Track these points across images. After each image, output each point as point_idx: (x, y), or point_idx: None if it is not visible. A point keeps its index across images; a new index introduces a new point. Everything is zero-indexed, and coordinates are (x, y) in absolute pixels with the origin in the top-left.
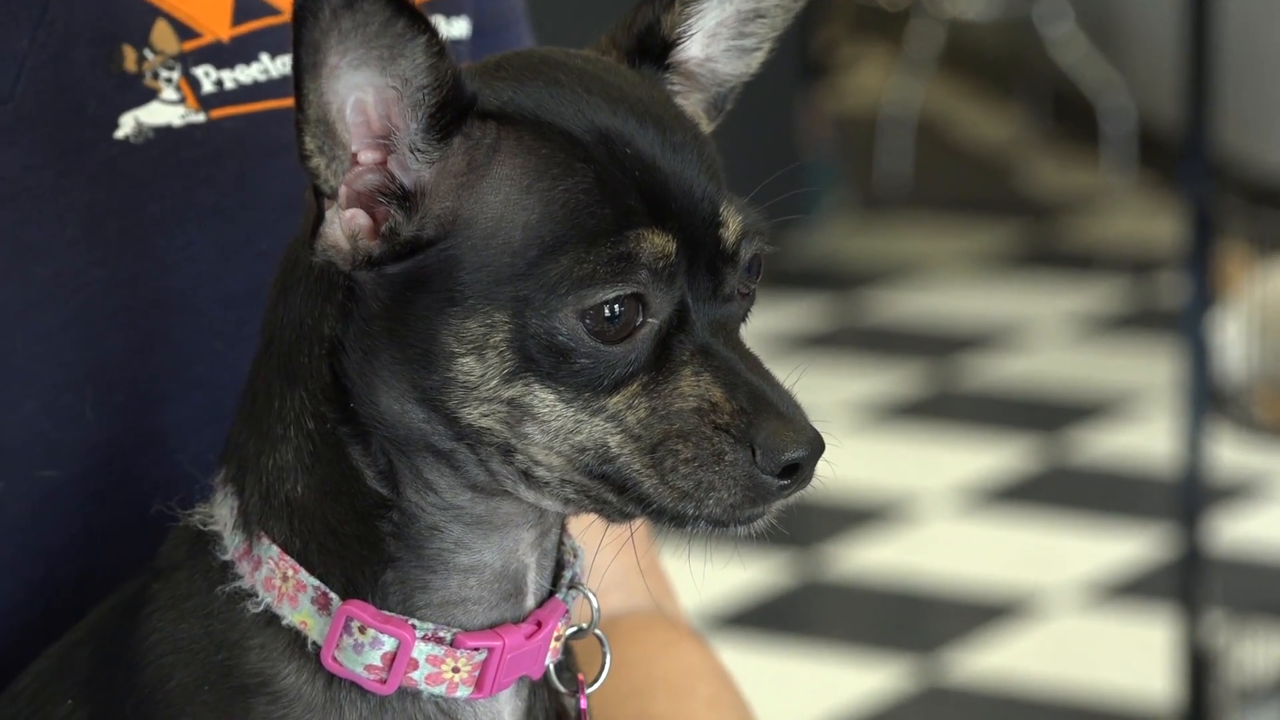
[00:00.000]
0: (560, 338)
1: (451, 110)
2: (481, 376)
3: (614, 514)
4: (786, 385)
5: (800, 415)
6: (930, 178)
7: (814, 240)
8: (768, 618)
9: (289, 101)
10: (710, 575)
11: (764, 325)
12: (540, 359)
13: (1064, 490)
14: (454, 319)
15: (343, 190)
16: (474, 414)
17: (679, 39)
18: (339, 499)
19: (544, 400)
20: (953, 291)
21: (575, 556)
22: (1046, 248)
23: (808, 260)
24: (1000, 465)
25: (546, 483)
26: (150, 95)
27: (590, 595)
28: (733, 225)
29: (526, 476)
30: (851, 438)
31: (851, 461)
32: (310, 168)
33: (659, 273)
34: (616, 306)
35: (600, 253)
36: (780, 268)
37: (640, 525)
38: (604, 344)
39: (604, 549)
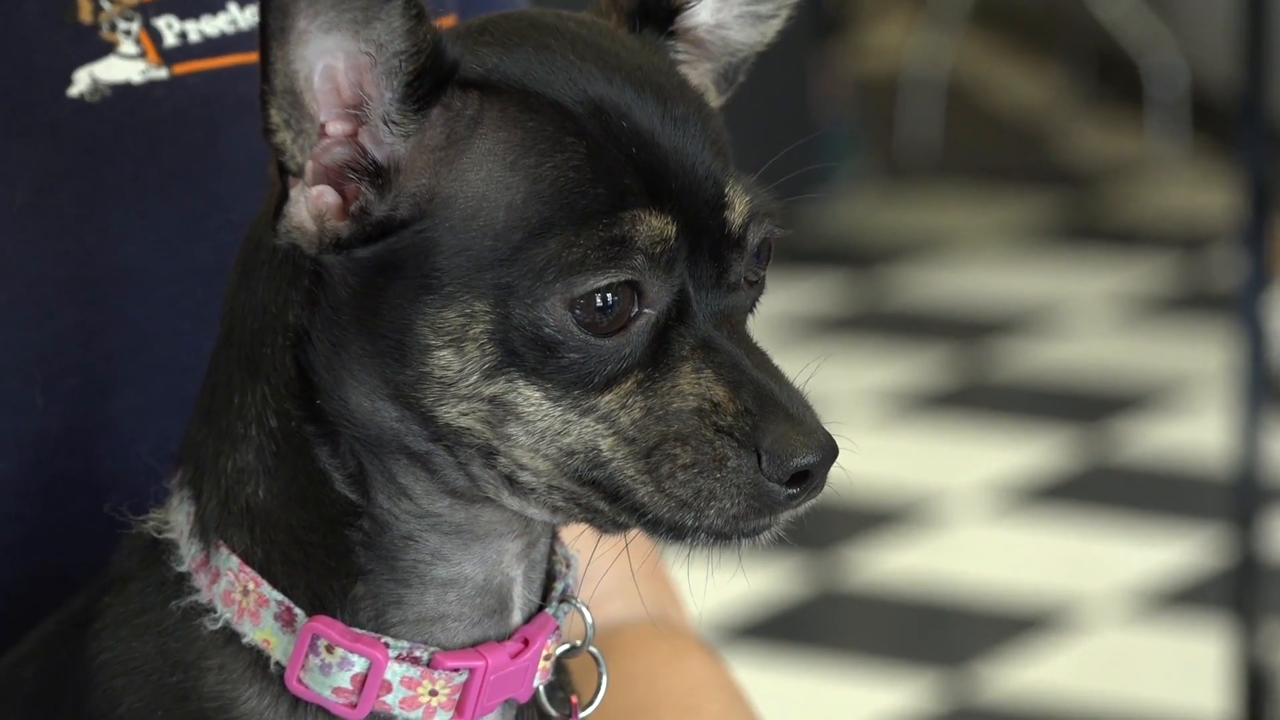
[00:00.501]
0: (547, 330)
1: (430, 78)
2: (460, 372)
3: (606, 524)
4: (798, 382)
5: (811, 417)
6: (959, 145)
7: (831, 214)
8: (781, 629)
9: (259, 56)
10: (718, 582)
11: (774, 308)
12: (525, 353)
13: (1106, 490)
14: (430, 308)
15: (309, 165)
16: (452, 413)
17: (687, 2)
18: (305, 505)
19: (529, 398)
20: (984, 270)
21: (568, 566)
22: (1087, 221)
23: (824, 236)
24: (1036, 462)
25: (532, 489)
26: (107, 49)
27: (584, 610)
28: (739, 207)
29: (510, 482)
30: (872, 433)
31: (873, 458)
32: (275, 143)
33: (656, 258)
34: (609, 295)
35: (591, 236)
36: (793, 244)
37: (635, 536)
38: (595, 337)
39: (601, 554)
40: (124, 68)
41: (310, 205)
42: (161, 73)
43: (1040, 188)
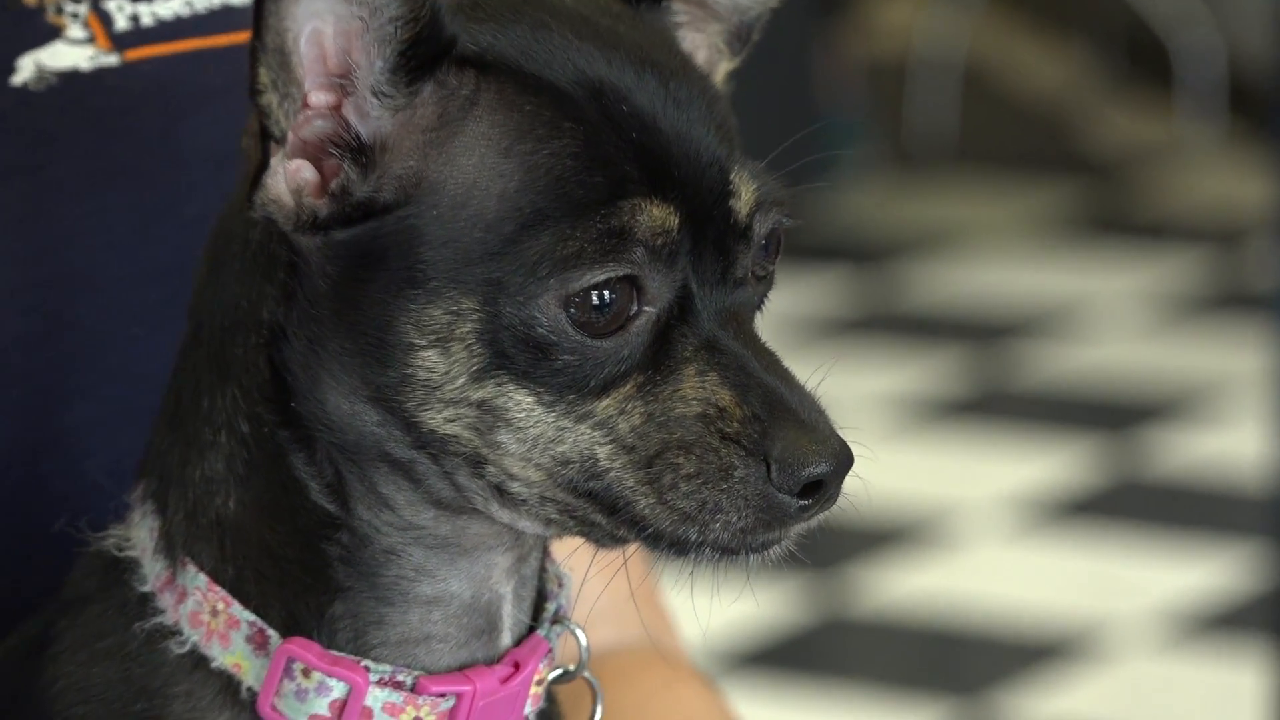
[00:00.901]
0: (540, 330)
1: (426, 50)
2: (446, 374)
3: (603, 538)
4: (808, 385)
5: (824, 422)
6: (976, 132)
7: (837, 207)
8: (785, 656)
9: (219, 40)
10: (718, 607)
11: (779, 308)
12: (516, 354)
13: (1135, 505)
14: (414, 304)
15: (289, 137)
16: (437, 418)
17: None
18: (279, 517)
19: (520, 403)
20: (1002, 267)
21: (560, 585)
22: (1114, 214)
23: (829, 230)
24: (1059, 476)
25: (523, 500)
26: (53, 33)
27: (578, 631)
28: (745, 195)
29: (500, 493)
30: (881, 444)
31: (882, 472)
32: (261, 104)
33: (657, 251)
34: (607, 292)
35: (588, 228)
36: (796, 239)
37: (635, 550)
38: (592, 337)
39: (593, 575)
40: (71, 54)
41: (288, 180)
42: (112, 59)
43: (1063, 178)
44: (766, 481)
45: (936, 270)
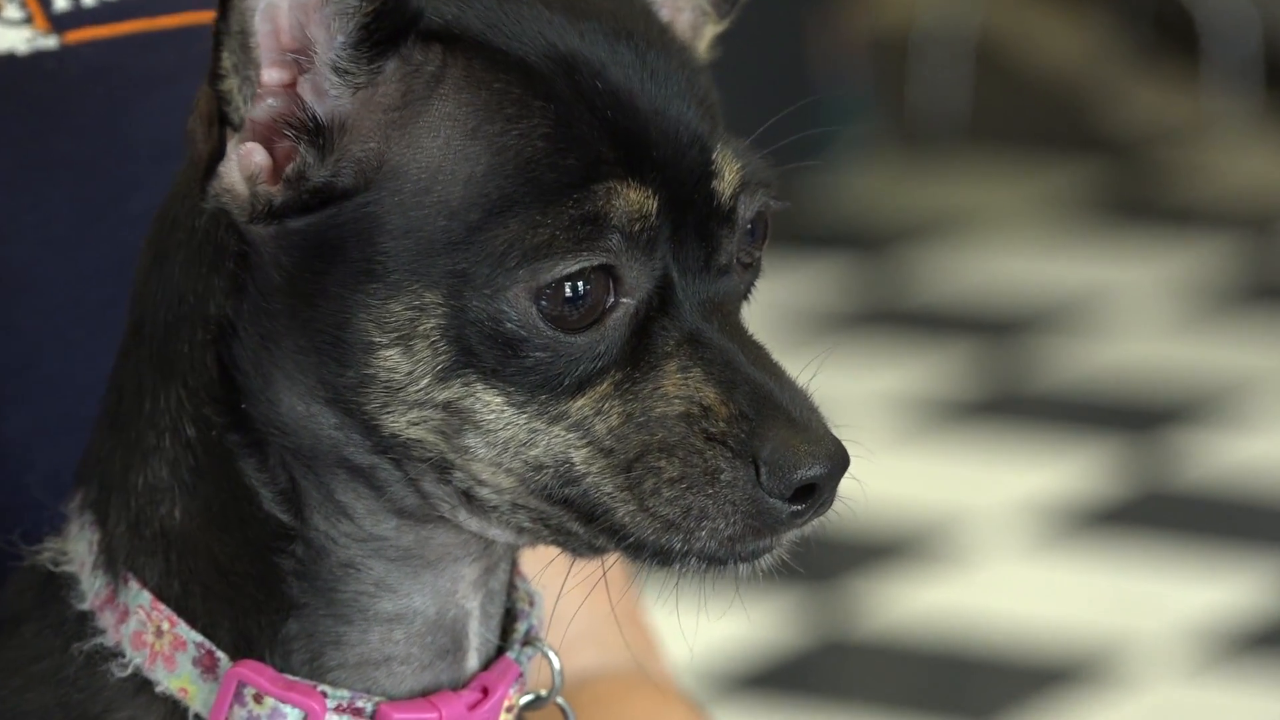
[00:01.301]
0: (508, 325)
1: (390, 23)
2: (409, 374)
3: (580, 547)
4: (800, 382)
5: (817, 421)
6: (988, 109)
7: (837, 189)
8: (781, 680)
9: (166, 21)
10: (707, 626)
11: (769, 300)
12: (483, 352)
13: (1162, 515)
14: (374, 299)
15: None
16: (400, 421)
17: None
18: (228, 528)
19: (489, 404)
20: (1017, 255)
21: (531, 604)
22: (1138, 198)
23: (828, 215)
24: (1079, 484)
25: (494, 507)
26: None
27: (550, 654)
28: (729, 175)
29: (468, 499)
30: (886, 448)
31: (886, 479)
32: (222, 90)
33: (635, 238)
34: (580, 284)
35: (560, 214)
36: (792, 224)
37: (615, 562)
38: (565, 332)
39: (569, 592)
40: (7, 35)
41: (240, 164)
42: (51, 41)
43: (1082, 159)
44: (755, 485)
45: (944, 259)
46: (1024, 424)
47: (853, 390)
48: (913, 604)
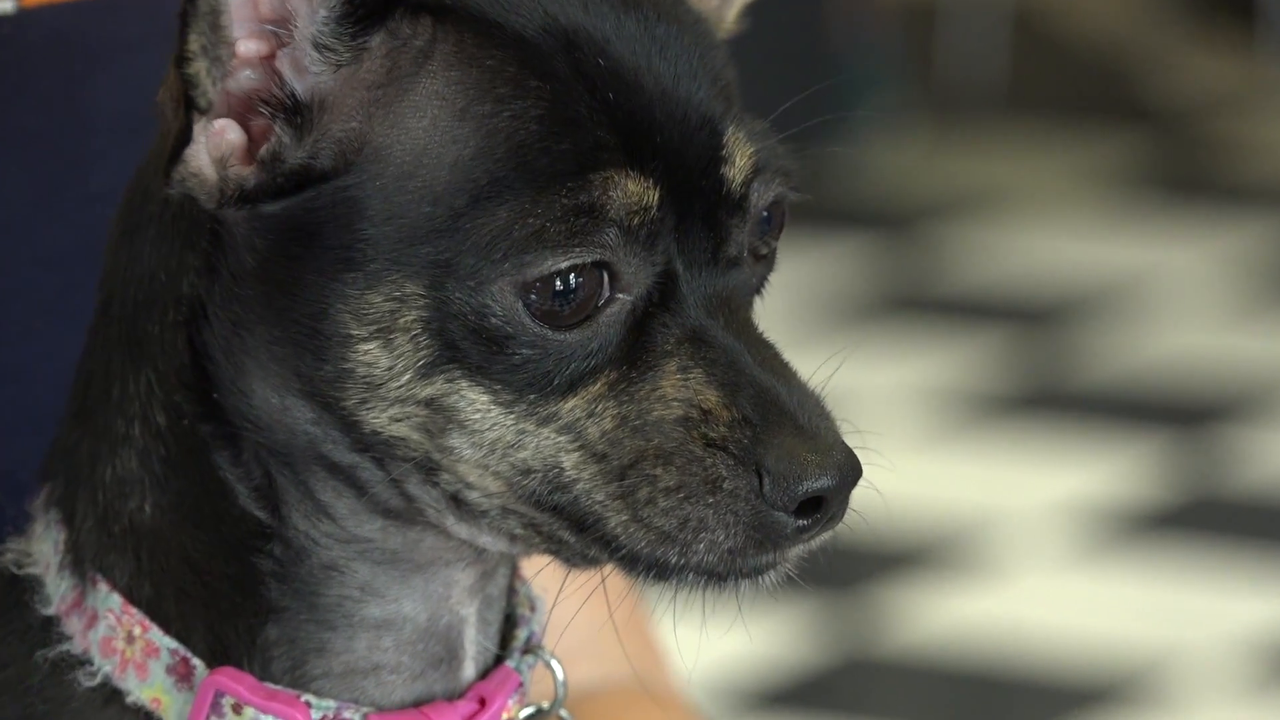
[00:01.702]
0: (493, 320)
1: None
2: (389, 369)
3: (574, 558)
4: (813, 383)
5: (827, 428)
6: (1026, 78)
7: (862, 165)
8: (799, 698)
9: None
10: (718, 639)
11: (788, 284)
12: (467, 347)
13: (1214, 521)
14: (352, 289)
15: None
16: (381, 418)
17: None
18: (202, 525)
19: (474, 403)
20: (1056, 236)
21: (532, 610)
22: (1188, 173)
23: (852, 193)
24: (1124, 486)
25: (483, 512)
26: None
27: (553, 663)
28: (741, 160)
29: (456, 503)
30: (914, 446)
31: (914, 480)
32: (189, 74)
33: (633, 232)
34: (572, 278)
35: (552, 203)
36: (813, 204)
37: (613, 571)
38: (554, 329)
39: (568, 599)
40: None
41: (210, 147)
42: (7, 5)
43: (1128, 131)
44: (758, 496)
45: (977, 240)
46: (1064, 420)
47: (877, 383)
48: (942, 617)
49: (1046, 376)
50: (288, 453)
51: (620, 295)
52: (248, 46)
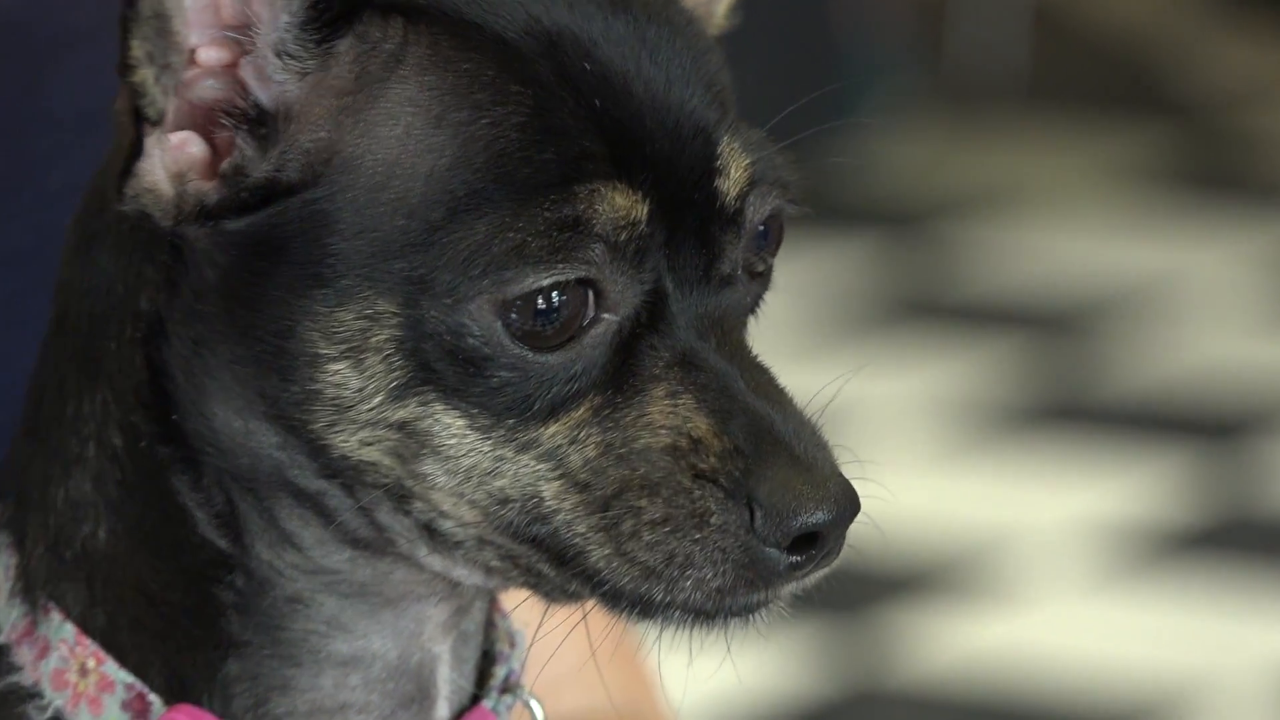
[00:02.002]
0: (470, 340)
1: None
2: (360, 391)
3: (554, 592)
4: (812, 405)
5: (824, 459)
6: (1047, 68)
7: (869, 159)
8: None
9: None
10: (715, 668)
11: (791, 288)
12: (443, 369)
13: (1248, 540)
14: (321, 306)
15: (171, 104)
16: (350, 441)
17: None
18: (159, 553)
19: (449, 427)
20: (1078, 235)
21: (512, 645)
22: (1218, 169)
23: (860, 187)
24: (1151, 503)
25: (458, 543)
26: None
27: (534, 704)
28: (736, 172)
29: (429, 533)
30: (926, 460)
31: (926, 496)
32: (135, 83)
33: (621, 248)
34: (555, 295)
35: (534, 217)
36: (817, 202)
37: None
38: (535, 351)
39: (553, 625)
40: None
41: (168, 159)
42: None
43: (1154, 125)
44: (749, 531)
45: (993, 241)
46: (1086, 434)
47: (886, 394)
48: (955, 645)
49: (1067, 386)
50: (251, 478)
51: (606, 315)
52: (208, 54)
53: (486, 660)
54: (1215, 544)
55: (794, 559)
